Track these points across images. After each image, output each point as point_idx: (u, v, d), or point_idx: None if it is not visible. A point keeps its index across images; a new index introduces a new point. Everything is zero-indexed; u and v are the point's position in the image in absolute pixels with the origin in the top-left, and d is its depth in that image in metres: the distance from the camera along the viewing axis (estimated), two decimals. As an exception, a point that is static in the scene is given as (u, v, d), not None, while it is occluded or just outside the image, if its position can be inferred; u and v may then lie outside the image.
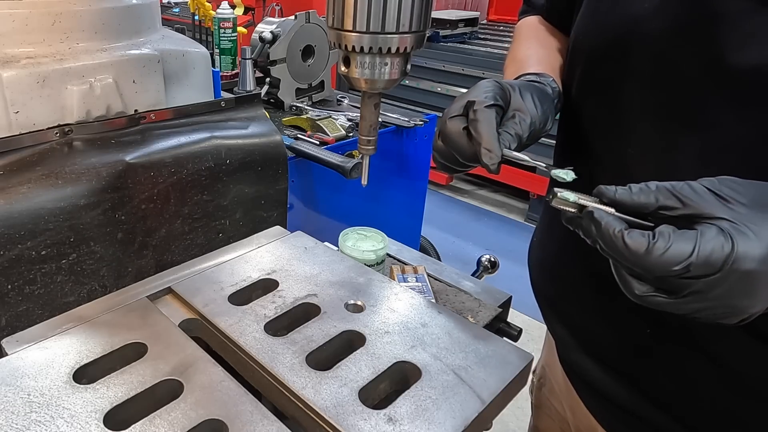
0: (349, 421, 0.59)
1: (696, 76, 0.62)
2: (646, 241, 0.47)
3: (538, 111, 0.67)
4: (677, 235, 0.47)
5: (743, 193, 0.48)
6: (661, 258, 0.46)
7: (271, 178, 1.06)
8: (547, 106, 0.70)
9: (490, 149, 0.60)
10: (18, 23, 0.83)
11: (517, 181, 3.96)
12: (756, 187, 0.49)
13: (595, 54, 0.75)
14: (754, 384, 0.68)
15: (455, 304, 1.01)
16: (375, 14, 0.64)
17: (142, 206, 0.89)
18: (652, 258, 0.46)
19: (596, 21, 0.75)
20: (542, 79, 0.75)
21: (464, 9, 5.73)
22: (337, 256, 0.90)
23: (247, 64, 1.87)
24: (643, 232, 0.48)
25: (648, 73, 0.67)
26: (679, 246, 0.46)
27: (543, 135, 0.70)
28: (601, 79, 0.74)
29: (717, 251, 0.45)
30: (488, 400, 0.63)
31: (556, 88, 0.76)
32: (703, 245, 0.45)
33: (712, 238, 0.46)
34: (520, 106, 0.67)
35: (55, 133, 0.84)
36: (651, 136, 0.67)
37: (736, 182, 0.49)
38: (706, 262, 0.45)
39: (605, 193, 0.52)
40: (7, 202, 0.77)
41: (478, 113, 0.63)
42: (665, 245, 0.46)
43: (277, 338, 0.71)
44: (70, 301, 0.84)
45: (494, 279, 1.18)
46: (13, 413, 0.59)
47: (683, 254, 0.46)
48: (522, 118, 0.66)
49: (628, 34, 0.68)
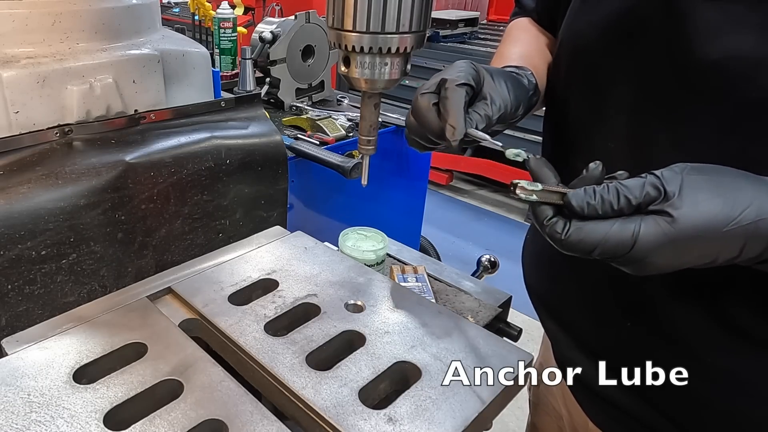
0: (349, 421, 0.60)
1: (667, 71, 0.65)
2: (561, 233, 0.54)
3: (510, 96, 0.70)
4: (590, 227, 0.53)
5: (677, 182, 0.52)
6: (573, 246, 0.54)
7: (271, 178, 1.06)
8: (521, 93, 0.72)
9: (455, 126, 0.63)
10: (18, 23, 0.83)
11: (517, 182, 3.95)
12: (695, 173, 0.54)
13: (577, 52, 0.77)
14: (744, 382, 0.68)
15: (455, 304, 1.01)
16: (375, 14, 0.64)
17: (142, 206, 0.89)
18: (565, 245, 0.54)
19: (579, 20, 0.78)
20: (520, 71, 0.77)
21: (464, 9, 5.73)
22: (337, 256, 0.90)
23: (247, 64, 1.87)
24: (563, 221, 0.54)
25: (624, 70, 0.70)
26: (588, 238, 0.53)
27: (515, 121, 0.74)
28: (582, 76, 0.77)
29: (620, 244, 0.52)
30: (488, 400, 0.63)
31: (533, 81, 0.77)
32: (610, 237, 0.52)
33: (622, 230, 0.52)
34: (492, 89, 0.69)
35: (55, 133, 0.84)
36: (628, 131, 0.70)
37: (675, 170, 0.54)
38: (608, 252, 0.53)
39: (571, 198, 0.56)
40: (7, 202, 0.76)
41: (448, 91, 0.65)
42: (577, 238, 0.53)
43: (277, 338, 0.71)
44: (70, 301, 0.84)
45: (494, 279, 1.18)
46: (13, 413, 0.59)
47: (590, 248, 0.53)
48: (492, 100, 0.68)
49: (606, 33, 0.71)
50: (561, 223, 0.54)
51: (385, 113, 1.89)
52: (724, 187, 0.53)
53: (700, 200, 0.52)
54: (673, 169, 0.54)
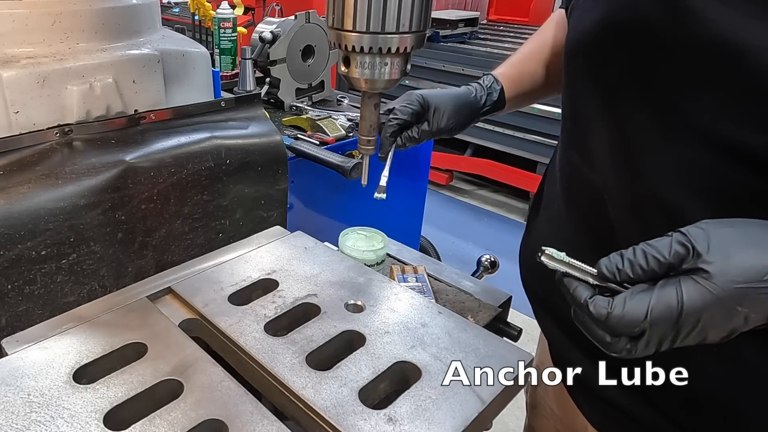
0: (349, 421, 0.60)
1: (656, 64, 0.66)
2: (606, 308, 0.53)
3: (442, 121, 0.94)
4: (633, 298, 0.52)
5: (704, 238, 0.52)
6: (620, 322, 0.52)
7: (271, 178, 1.06)
8: (464, 113, 0.96)
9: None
10: (18, 23, 0.83)
11: (517, 181, 3.96)
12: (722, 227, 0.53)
13: (579, 45, 0.78)
14: (745, 382, 0.68)
15: (455, 304, 1.01)
16: (375, 14, 0.64)
17: (142, 206, 0.89)
18: (611, 322, 0.52)
19: (580, 14, 0.79)
20: (480, 86, 1.00)
21: (464, 9, 5.73)
22: (337, 256, 0.90)
23: (247, 64, 1.87)
24: (605, 299, 0.54)
25: (617, 63, 0.71)
26: (634, 310, 0.52)
27: (458, 132, 0.97)
28: (583, 68, 0.78)
29: (667, 310, 0.51)
30: (488, 400, 0.63)
31: (490, 94, 1.00)
32: (656, 305, 0.51)
33: (664, 295, 0.51)
34: (429, 118, 0.94)
35: (55, 133, 0.84)
36: (623, 122, 0.71)
37: (701, 227, 0.53)
38: (658, 321, 0.51)
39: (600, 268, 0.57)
40: (7, 202, 0.76)
41: (386, 125, 0.91)
42: (621, 311, 0.52)
43: (277, 338, 0.71)
44: (70, 301, 0.84)
45: (494, 279, 1.18)
46: (13, 413, 0.59)
47: (638, 318, 0.51)
48: (426, 126, 0.94)
49: (605, 26, 0.72)
50: (602, 299, 0.54)
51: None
52: (754, 237, 0.52)
53: (732, 252, 0.51)
54: (699, 225, 0.53)
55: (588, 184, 0.77)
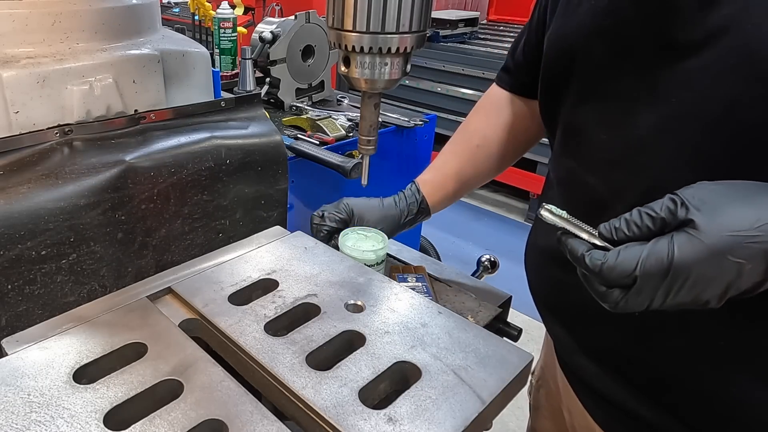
0: (349, 421, 0.59)
1: (649, 58, 0.68)
2: (601, 260, 0.57)
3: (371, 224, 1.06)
4: (627, 250, 0.56)
5: (695, 194, 0.55)
6: (613, 271, 0.56)
7: (271, 178, 1.06)
8: (387, 223, 1.08)
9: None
10: (18, 23, 0.83)
11: (517, 181, 3.96)
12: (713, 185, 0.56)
13: (564, 50, 0.80)
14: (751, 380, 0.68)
15: (455, 304, 1.01)
16: (375, 14, 0.64)
17: (142, 206, 0.89)
18: (605, 272, 0.56)
19: (566, 19, 0.80)
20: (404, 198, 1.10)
21: (464, 9, 5.73)
22: (337, 256, 0.90)
23: (247, 64, 1.87)
24: (601, 252, 0.58)
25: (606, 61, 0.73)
26: (626, 260, 0.55)
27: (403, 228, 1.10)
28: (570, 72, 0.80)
29: (658, 260, 0.53)
30: (488, 400, 0.63)
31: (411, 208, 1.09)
32: (647, 256, 0.54)
33: (656, 247, 0.54)
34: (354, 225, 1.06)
35: (55, 133, 0.84)
36: (615, 118, 0.73)
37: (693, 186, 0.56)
38: (649, 271, 0.54)
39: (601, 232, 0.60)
40: (7, 202, 0.76)
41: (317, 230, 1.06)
42: (614, 261, 0.55)
43: (277, 338, 0.71)
44: (70, 301, 0.84)
45: (494, 279, 1.18)
46: (13, 413, 0.59)
47: (630, 267, 0.55)
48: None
49: (594, 28, 0.74)
50: (598, 252, 0.57)
51: (385, 113, 1.89)
52: (745, 193, 0.54)
53: (721, 204, 0.53)
54: (691, 186, 0.56)
55: (586, 187, 0.78)
